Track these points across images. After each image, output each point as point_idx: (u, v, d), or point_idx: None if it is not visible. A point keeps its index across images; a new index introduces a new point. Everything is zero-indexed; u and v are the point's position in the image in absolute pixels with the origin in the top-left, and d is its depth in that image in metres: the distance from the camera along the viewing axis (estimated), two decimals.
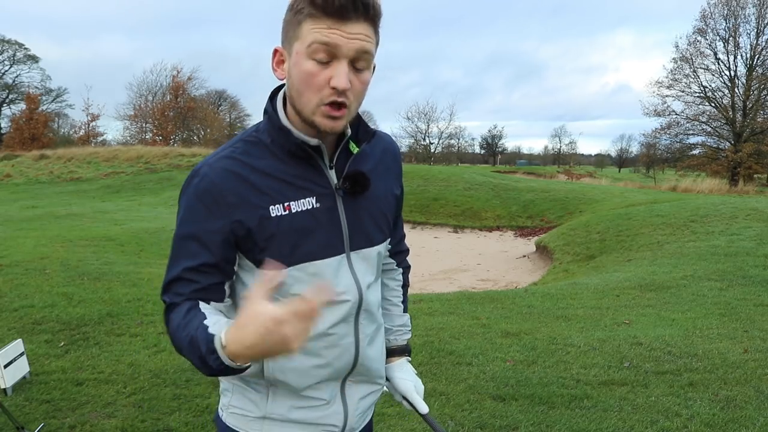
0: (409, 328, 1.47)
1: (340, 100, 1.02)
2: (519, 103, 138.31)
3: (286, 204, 1.08)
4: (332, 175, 1.13)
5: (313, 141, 1.09)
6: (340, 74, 1.00)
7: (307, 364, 1.14)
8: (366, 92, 1.08)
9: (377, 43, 1.06)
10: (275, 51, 1.09)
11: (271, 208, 1.07)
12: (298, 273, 1.09)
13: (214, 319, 0.99)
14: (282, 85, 1.13)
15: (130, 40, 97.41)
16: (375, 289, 1.23)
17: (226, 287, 1.11)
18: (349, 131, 1.14)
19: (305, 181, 1.11)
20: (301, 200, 1.09)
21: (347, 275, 1.15)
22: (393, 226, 1.31)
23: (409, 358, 1.46)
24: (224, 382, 1.22)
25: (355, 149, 1.15)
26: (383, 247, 1.24)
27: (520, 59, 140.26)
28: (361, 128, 1.16)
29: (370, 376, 1.25)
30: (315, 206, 1.10)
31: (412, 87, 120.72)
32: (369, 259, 1.19)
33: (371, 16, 1.02)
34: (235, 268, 1.12)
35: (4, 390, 3.40)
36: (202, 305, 1.05)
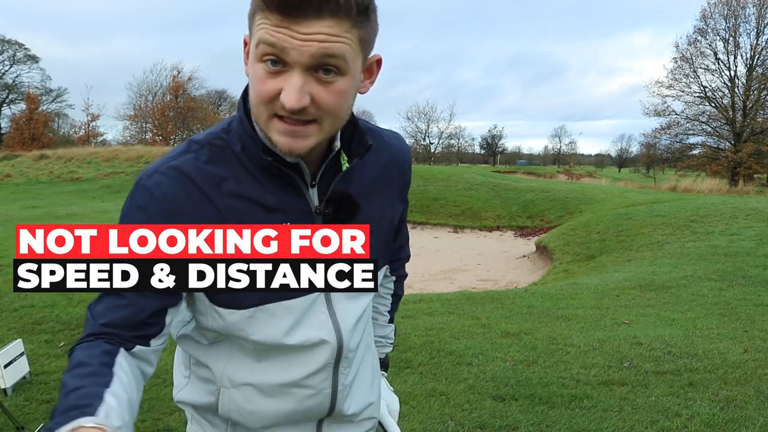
0: (391, 341, 1.28)
1: (294, 118, 0.80)
2: (530, 104, 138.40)
3: None
4: (313, 196, 0.92)
5: (291, 158, 0.86)
6: (289, 89, 0.77)
7: (269, 408, 0.97)
8: (347, 104, 0.84)
9: (363, 40, 0.81)
10: (245, 42, 0.85)
11: None
12: (259, 314, 0.90)
13: (110, 405, 0.73)
14: None
15: (141, 41, 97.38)
16: (361, 328, 1.02)
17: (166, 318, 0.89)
18: (338, 143, 0.92)
19: (278, 201, 0.89)
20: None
21: (322, 316, 0.94)
22: (393, 240, 1.13)
23: (385, 374, 1.29)
24: (185, 407, 1.09)
25: (345, 165, 0.93)
26: (379, 275, 1.05)
27: (537, 60, 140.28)
28: (355, 139, 0.93)
29: (353, 418, 1.07)
30: None
31: (428, 88, 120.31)
32: (356, 293, 0.97)
33: (343, 8, 0.75)
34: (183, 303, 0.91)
35: (4, 390, 3.40)
36: (120, 359, 0.82)
